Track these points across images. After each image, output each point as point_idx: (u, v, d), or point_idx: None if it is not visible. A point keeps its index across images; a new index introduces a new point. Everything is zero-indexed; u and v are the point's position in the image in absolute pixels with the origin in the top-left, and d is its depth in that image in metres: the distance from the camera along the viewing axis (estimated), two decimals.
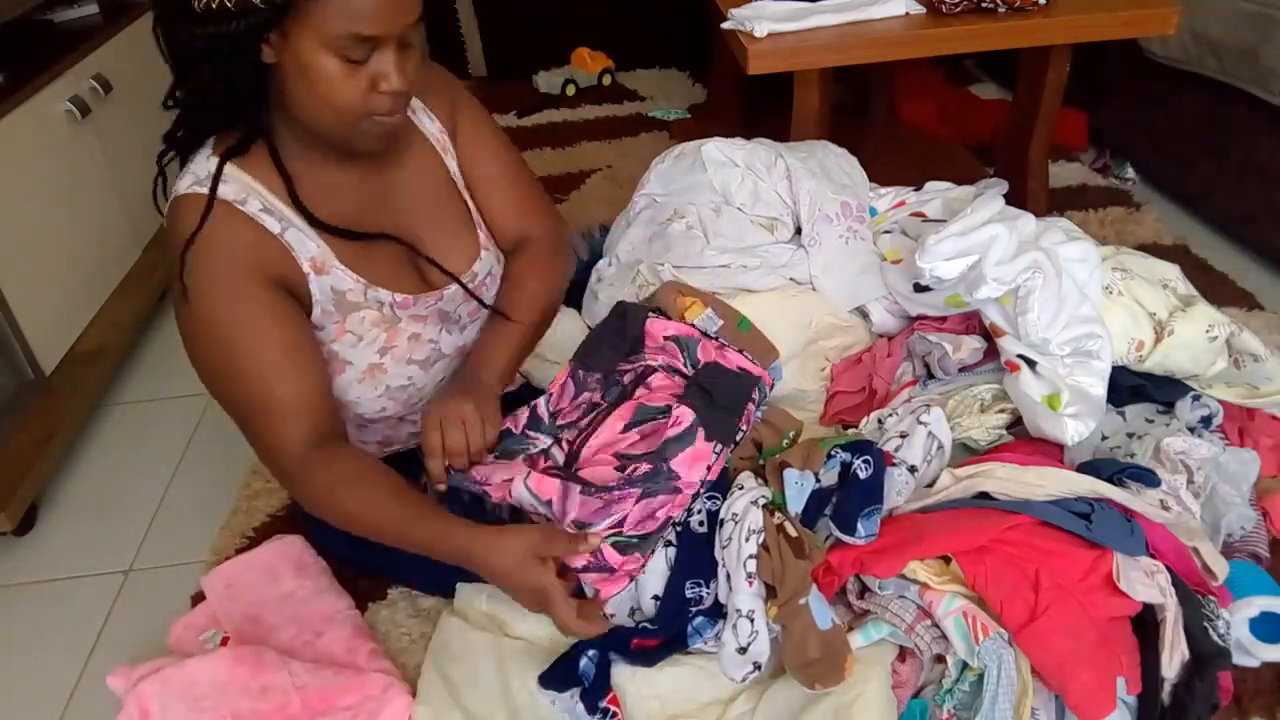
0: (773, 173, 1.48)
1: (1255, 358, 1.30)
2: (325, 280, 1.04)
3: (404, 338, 1.09)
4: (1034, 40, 1.61)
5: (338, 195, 1.05)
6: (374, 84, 0.95)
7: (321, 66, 0.92)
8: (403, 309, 1.09)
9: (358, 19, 0.89)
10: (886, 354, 1.36)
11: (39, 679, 1.23)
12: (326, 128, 0.98)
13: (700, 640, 1.05)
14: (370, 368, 1.09)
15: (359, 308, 1.06)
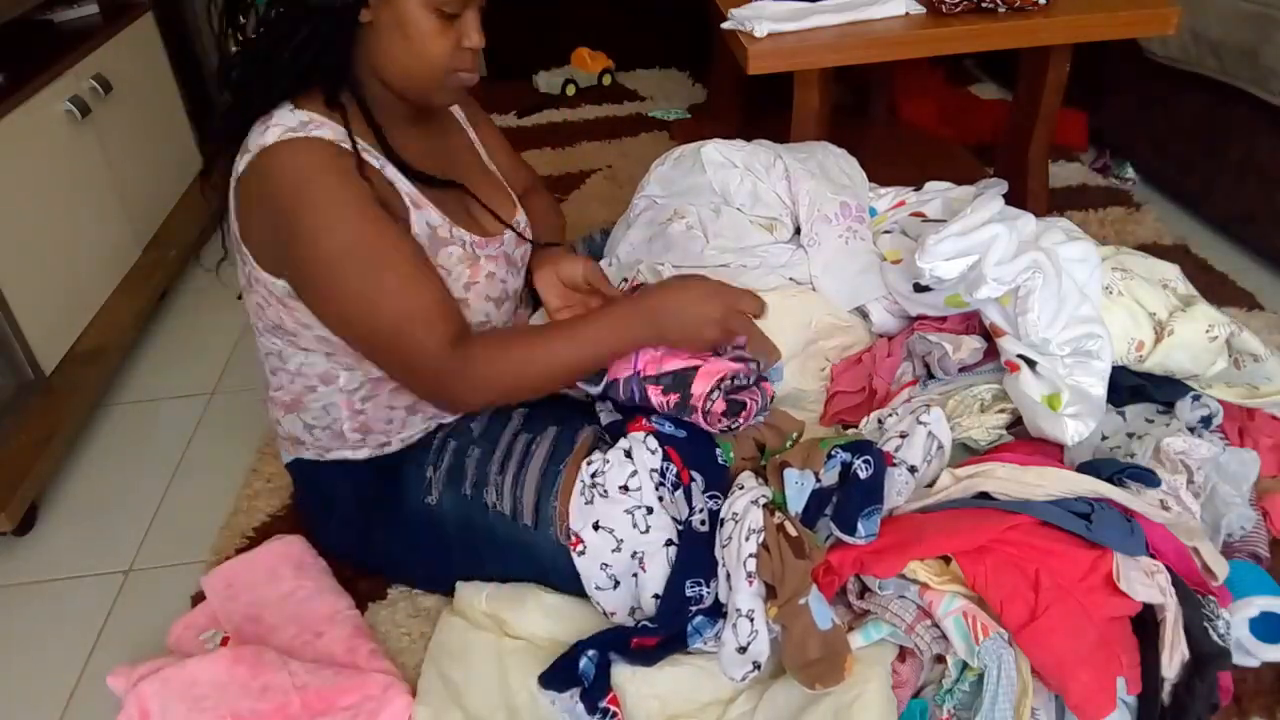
0: (772, 173, 1.48)
1: (1255, 358, 1.30)
2: (422, 214, 1.09)
3: (483, 275, 1.15)
4: (1034, 40, 1.61)
5: (414, 150, 1.11)
6: (459, 41, 1.04)
7: (419, 22, 1.01)
8: (480, 249, 1.16)
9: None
10: (886, 354, 1.36)
11: (39, 679, 1.23)
12: (414, 82, 1.06)
13: (700, 640, 1.05)
14: (458, 303, 1.13)
15: (447, 244, 1.12)
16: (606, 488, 1.10)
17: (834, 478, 1.10)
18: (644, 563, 1.09)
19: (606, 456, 1.12)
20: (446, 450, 1.17)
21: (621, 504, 1.09)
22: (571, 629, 1.13)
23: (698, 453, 1.14)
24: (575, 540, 1.10)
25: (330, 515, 1.24)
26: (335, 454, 1.21)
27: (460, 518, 1.15)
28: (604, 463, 1.11)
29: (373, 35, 1.02)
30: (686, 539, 1.09)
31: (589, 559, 1.10)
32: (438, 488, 1.15)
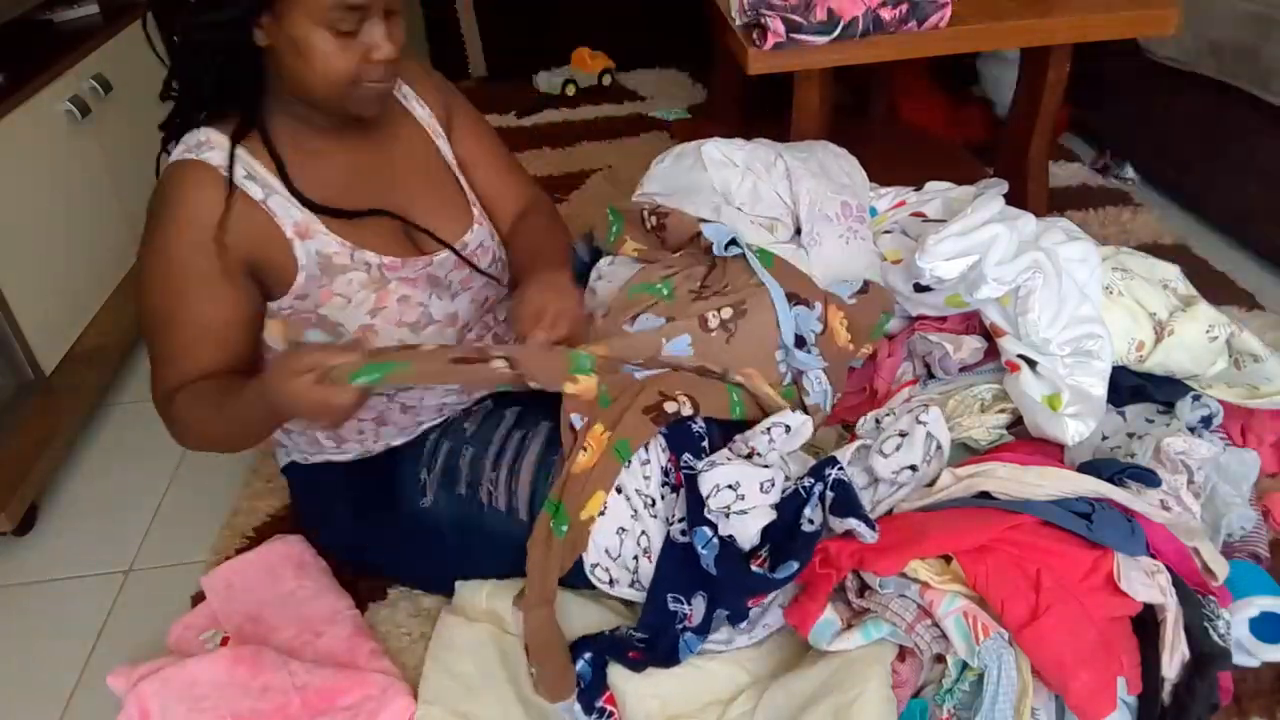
0: (772, 173, 1.48)
1: (1255, 358, 1.30)
2: (310, 244, 1.06)
3: (393, 299, 1.11)
4: (1034, 40, 1.61)
5: (329, 170, 1.08)
6: (366, 54, 0.99)
7: (314, 42, 0.96)
8: (391, 271, 1.11)
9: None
10: (887, 354, 1.36)
11: (39, 679, 1.23)
12: (321, 100, 1.02)
13: (690, 654, 1.05)
14: (361, 329, 1.10)
15: (346, 270, 1.08)
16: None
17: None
18: (648, 552, 1.08)
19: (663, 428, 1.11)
20: (440, 451, 1.17)
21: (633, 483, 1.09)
22: (571, 625, 1.13)
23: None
24: None
25: (327, 519, 1.25)
26: (319, 457, 1.21)
27: (457, 518, 1.15)
28: None
29: (274, 57, 0.99)
30: (668, 552, 1.08)
31: (607, 521, 1.08)
32: (433, 489, 1.15)
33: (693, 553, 1.06)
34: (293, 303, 1.07)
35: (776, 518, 1.07)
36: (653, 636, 1.05)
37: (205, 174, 1.01)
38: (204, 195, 1.01)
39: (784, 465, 1.16)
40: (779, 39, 1.42)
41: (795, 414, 1.14)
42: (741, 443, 1.13)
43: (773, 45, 1.43)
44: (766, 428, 1.13)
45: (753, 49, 1.46)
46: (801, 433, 1.14)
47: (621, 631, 1.09)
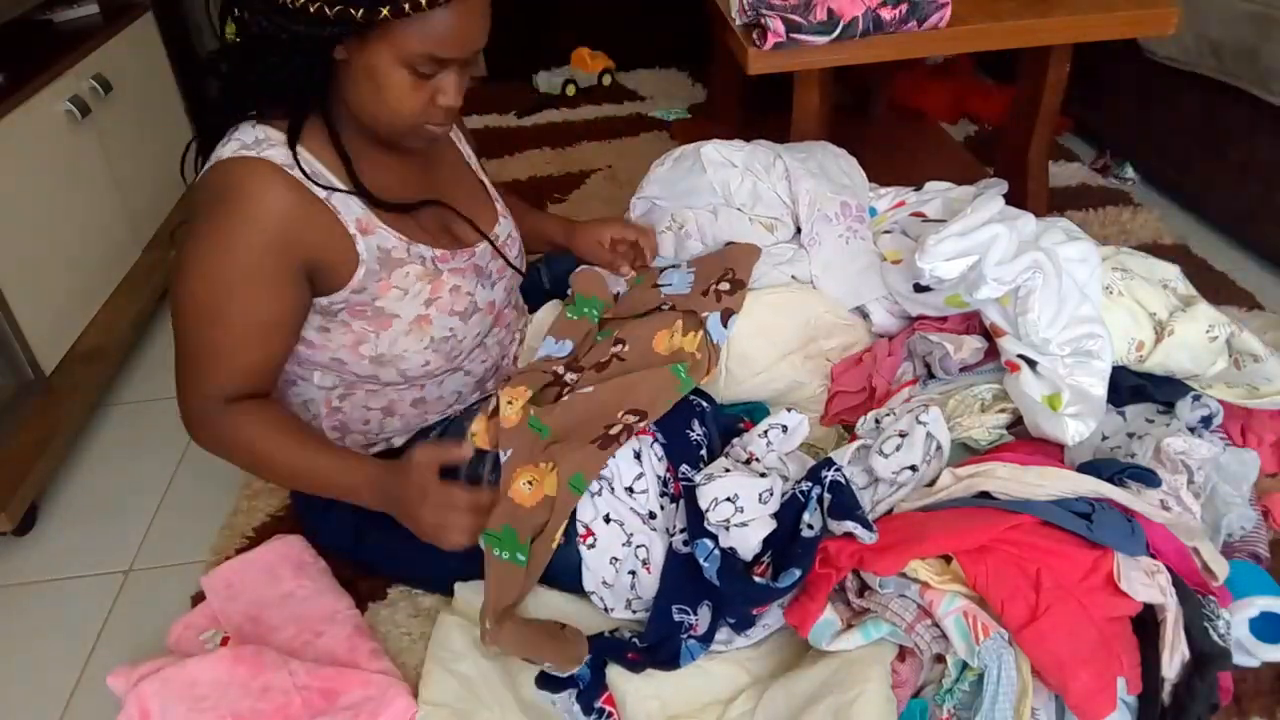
0: (772, 173, 1.48)
1: (1255, 358, 1.30)
2: (371, 239, 1.08)
3: (446, 290, 1.14)
4: (1034, 40, 1.61)
5: (384, 170, 1.11)
6: (433, 98, 1.01)
7: (391, 77, 0.98)
8: (443, 263, 1.15)
9: (439, 43, 0.96)
10: (887, 354, 1.36)
11: (39, 679, 1.23)
12: (381, 128, 1.05)
13: (692, 660, 1.05)
14: (417, 319, 1.13)
15: (403, 263, 1.11)
16: (613, 485, 1.10)
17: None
18: (647, 564, 1.09)
19: (615, 454, 1.12)
20: None
21: (627, 504, 1.09)
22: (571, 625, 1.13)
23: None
24: (586, 533, 1.09)
25: (327, 518, 1.24)
26: None
27: None
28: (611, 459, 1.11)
29: (346, 73, 1.00)
30: (670, 561, 1.09)
31: (600, 552, 1.09)
32: None
33: (695, 563, 1.05)
34: (348, 296, 1.08)
35: (776, 526, 1.07)
36: (654, 645, 1.05)
37: (272, 172, 1.01)
38: (272, 193, 1.01)
39: (783, 466, 1.16)
40: (779, 39, 1.42)
41: (791, 414, 1.14)
42: (740, 448, 1.14)
43: (773, 45, 1.43)
44: (763, 430, 1.13)
45: (753, 49, 1.46)
46: (799, 432, 1.14)
47: (620, 634, 1.09)
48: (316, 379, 1.16)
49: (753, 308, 1.34)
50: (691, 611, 1.06)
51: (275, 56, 0.99)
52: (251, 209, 1.00)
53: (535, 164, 2.43)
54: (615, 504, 1.10)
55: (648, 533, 1.09)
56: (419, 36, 0.94)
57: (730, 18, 1.55)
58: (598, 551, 1.09)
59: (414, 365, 1.15)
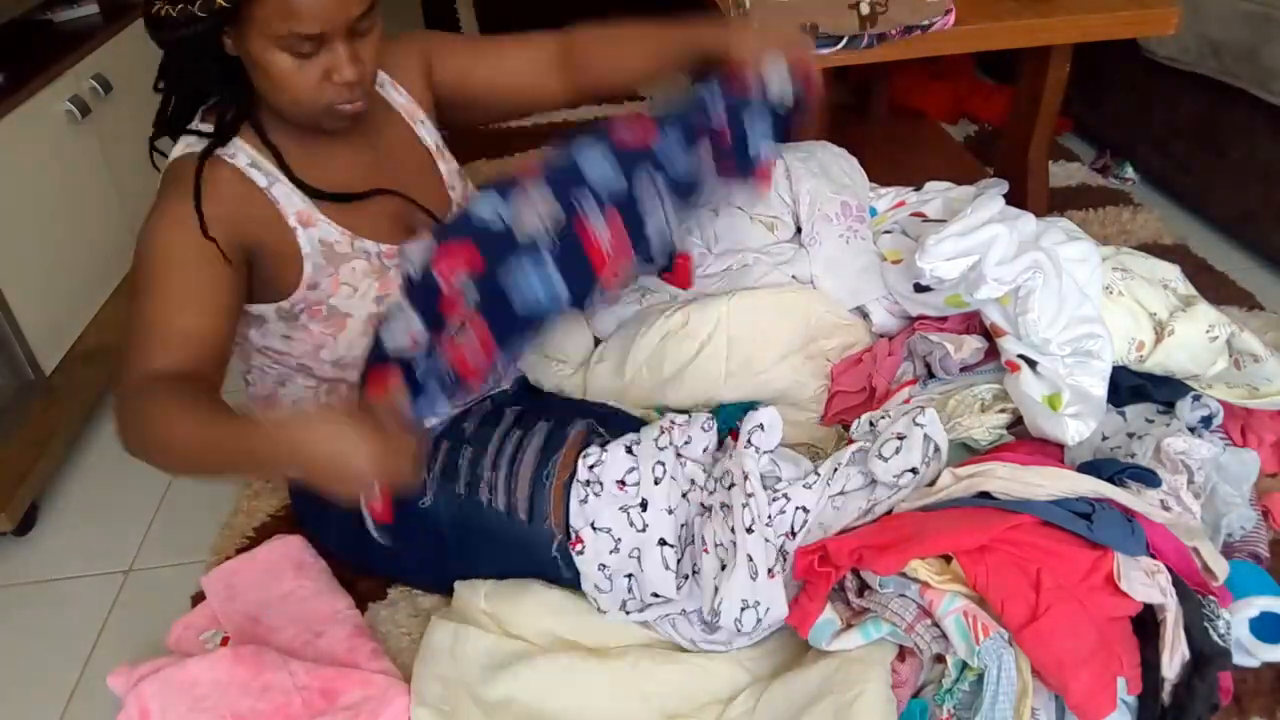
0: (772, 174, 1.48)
1: (1255, 358, 1.30)
2: (313, 232, 1.07)
3: (395, 286, 1.12)
4: (1034, 40, 1.61)
5: (329, 162, 1.09)
6: (327, 75, 0.98)
7: (273, 62, 0.96)
8: (389, 258, 1.12)
9: (296, 18, 0.93)
10: (887, 353, 1.36)
11: (39, 679, 1.23)
12: (293, 115, 1.03)
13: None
14: (370, 318, 1.11)
15: (348, 258, 1.09)
16: (603, 482, 1.10)
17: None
18: (641, 561, 1.09)
19: (606, 449, 1.12)
20: (439, 451, 1.18)
21: (617, 500, 1.09)
22: (571, 624, 1.13)
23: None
24: (575, 540, 1.10)
25: (326, 519, 1.25)
26: None
27: (455, 517, 1.15)
28: (602, 454, 1.11)
29: (247, 67, 1.00)
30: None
31: (588, 558, 1.10)
32: (432, 489, 1.15)
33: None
34: (305, 294, 1.08)
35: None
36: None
37: (213, 162, 1.02)
38: (211, 181, 1.01)
39: (775, 468, 1.16)
40: None
41: (763, 410, 1.15)
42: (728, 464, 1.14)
43: None
44: (747, 440, 1.14)
45: None
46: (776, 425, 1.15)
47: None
48: (300, 380, 1.17)
49: (753, 308, 1.34)
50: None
51: (177, 64, 1.01)
52: (186, 190, 1.00)
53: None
54: (603, 508, 1.10)
55: (634, 535, 1.09)
56: (277, 16, 0.92)
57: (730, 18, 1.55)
58: (586, 559, 1.10)
59: None
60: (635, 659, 1.09)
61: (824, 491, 1.12)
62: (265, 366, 1.17)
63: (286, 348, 1.12)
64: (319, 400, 1.18)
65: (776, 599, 1.04)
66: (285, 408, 1.19)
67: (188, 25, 0.94)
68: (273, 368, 1.16)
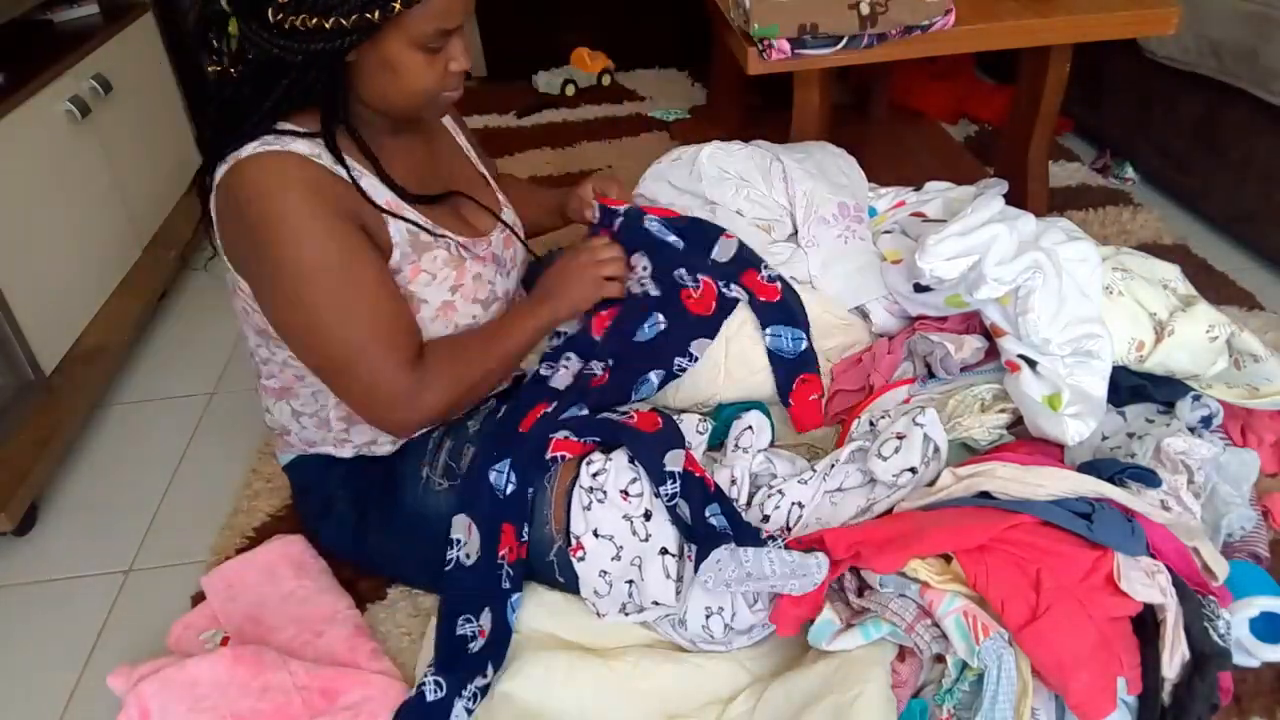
0: (769, 177, 1.48)
1: (1255, 358, 1.30)
2: (400, 223, 1.10)
3: (470, 277, 1.16)
4: (1034, 40, 1.61)
5: (399, 165, 1.12)
6: (446, 67, 1.04)
7: (408, 62, 1.01)
8: (466, 250, 1.17)
9: (445, 14, 0.99)
10: (887, 352, 1.36)
11: (39, 679, 1.23)
12: (402, 110, 1.08)
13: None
14: (444, 305, 1.14)
15: (430, 247, 1.12)
16: (606, 490, 1.10)
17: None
18: (642, 570, 1.09)
19: (610, 457, 1.12)
20: (443, 449, 1.18)
21: (620, 509, 1.09)
22: (570, 624, 1.13)
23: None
24: (576, 546, 1.10)
25: (328, 516, 1.25)
26: (319, 448, 1.22)
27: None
28: (606, 463, 1.11)
29: (358, 72, 1.02)
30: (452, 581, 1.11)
31: (589, 564, 1.09)
32: (433, 487, 1.15)
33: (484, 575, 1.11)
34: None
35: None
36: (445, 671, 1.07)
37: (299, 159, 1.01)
38: (310, 172, 1.01)
39: (771, 465, 1.16)
40: (784, 55, 1.43)
41: (750, 413, 1.19)
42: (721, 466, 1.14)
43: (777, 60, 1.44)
44: (734, 443, 1.16)
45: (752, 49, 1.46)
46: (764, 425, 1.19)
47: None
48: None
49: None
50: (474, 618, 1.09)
51: (289, 78, 0.99)
52: (302, 192, 1.00)
53: (535, 164, 2.43)
54: (606, 516, 1.10)
55: (637, 544, 1.09)
56: (425, 16, 0.97)
57: (730, 18, 1.55)
58: (586, 565, 1.10)
59: None
60: (635, 659, 1.09)
61: (820, 487, 1.12)
62: (290, 358, 1.14)
63: None
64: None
65: (741, 605, 1.05)
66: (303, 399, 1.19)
67: (342, 36, 0.95)
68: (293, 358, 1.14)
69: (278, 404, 1.21)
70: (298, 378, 1.17)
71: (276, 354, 1.16)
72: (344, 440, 1.21)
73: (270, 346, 1.15)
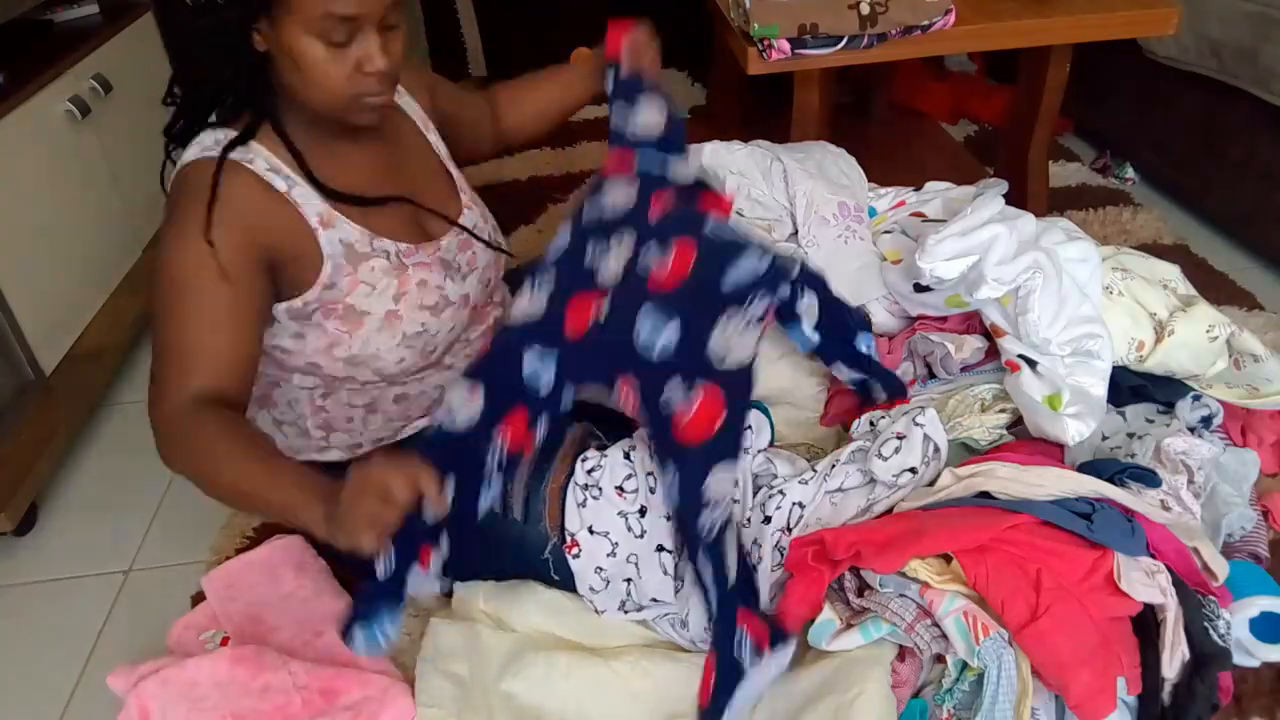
0: (769, 176, 1.48)
1: (1255, 358, 1.30)
2: (333, 233, 1.07)
3: (413, 284, 1.13)
4: (1034, 40, 1.61)
5: (347, 166, 1.10)
6: (359, 66, 0.99)
7: (307, 51, 0.96)
8: (408, 256, 1.14)
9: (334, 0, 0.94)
10: (887, 352, 1.36)
11: (39, 679, 1.23)
12: (320, 109, 1.03)
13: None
14: (387, 315, 1.12)
15: (368, 257, 1.10)
16: (601, 487, 1.10)
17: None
18: (639, 567, 1.09)
19: (605, 454, 1.12)
20: None
21: (616, 506, 1.09)
22: (570, 623, 1.13)
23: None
24: (571, 543, 1.10)
25: None
26: (304, 456, 1.21)
27: (451, 517, 1.15)
28: (601, 459, 1.11)
29: (274, 62, 1.00)
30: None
31: (584, 562, 1.09)
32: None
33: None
34: (320, 294, 1.08)
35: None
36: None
37: (230, 167, 1.01)
38: (230, 189, 1.01)
39: (771, 465, 1.16)
40: (784, 55, 1.43)
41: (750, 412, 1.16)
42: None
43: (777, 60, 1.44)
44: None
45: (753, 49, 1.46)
46: (763, 425, 1.17)
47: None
48: (296, 380, 1.16)
49: None
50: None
51: (201, 59, 1.01)
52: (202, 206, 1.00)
53: (535, 164, 2.43)
54: (602, 512, 1.09)
55: (632, 540, 1.09)
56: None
57: (730, 18, 1.55)
58: (582, 562, 1.10)
59: (389, 363, 1.14)
60: (635, 659, 1.09)
61: (820, 487, 1.12)
62: (263, 368, 1.16)
63: (296, 346, 1.12)
64: (314, 402, 1.17)
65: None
66: (280, 409, 1.19)
67: (227, 8, 0.94)
68: (271, 369, 1.16)
69: (260, 413, 1.21)
70: (274, 385, 1.17)
71: None
72: (325, 447, 1.20)
73: None
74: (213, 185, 1.00)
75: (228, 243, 1.00)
